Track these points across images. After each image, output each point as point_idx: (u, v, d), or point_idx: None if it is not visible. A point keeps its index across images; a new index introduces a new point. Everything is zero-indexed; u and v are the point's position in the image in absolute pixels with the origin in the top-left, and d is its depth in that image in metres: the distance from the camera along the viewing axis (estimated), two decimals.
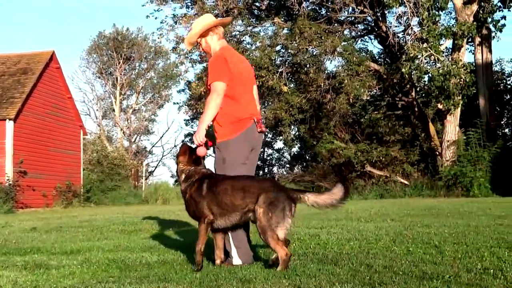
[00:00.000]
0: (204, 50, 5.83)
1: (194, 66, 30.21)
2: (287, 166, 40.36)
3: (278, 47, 26.05)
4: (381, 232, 7.21)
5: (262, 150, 34.79)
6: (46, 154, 25.41)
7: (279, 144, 38.19)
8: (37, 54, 26.64)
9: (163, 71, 48.58)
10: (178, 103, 43.22)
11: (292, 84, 27.29)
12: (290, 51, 24.94)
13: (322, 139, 26.40)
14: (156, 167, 50.68)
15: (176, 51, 28.16)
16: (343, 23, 26.01)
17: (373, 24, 26.75)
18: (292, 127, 29.16)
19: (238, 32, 26.68)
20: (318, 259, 5.25)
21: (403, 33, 24.15)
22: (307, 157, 36.72)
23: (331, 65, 42.01)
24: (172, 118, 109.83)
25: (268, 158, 39.88)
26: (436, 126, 25.50)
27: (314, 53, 24.45)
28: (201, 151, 5.27)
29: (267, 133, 34.14)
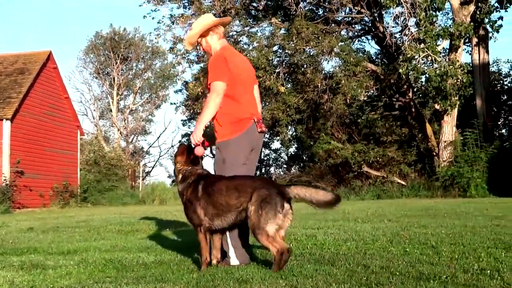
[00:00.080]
0: (204, 50, 5.80)
1: (191, 66, 30.11)
2: (284, 166, 40.32)
3: (275, 48, 26.05)
4: (378, 232, 7.20)
5: None
6: (43, 154, 25.37)
7: (276, 144, 38.16)
8: (34, 54, 26.59)
9: (160, 71, 48.52)
10: (175, 103, 43.14)
11: (289, 85, 27.26)
12: (287, 51, 24.92)
13: (319, 140, 26.42)
14: (153, 168, 50.74)
15: (173, 51, 28.07)
16: (340, 24, 26.02)
17: (370, 25, 26.77)
18: (289, 127, 29.11)
19: (235, 33, 26.66)
20: (315, 260, 5.25)
21: (400, 33, 24.23)
22: (304, 157, 36.71)
23: (328, 65, 41.85)
24: (169, 118, 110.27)
25: (265, 159, 39.81)
26: (433, 126, 25.53)
27: (311, 53, 24.44)
28: (199, 151, 5.26)
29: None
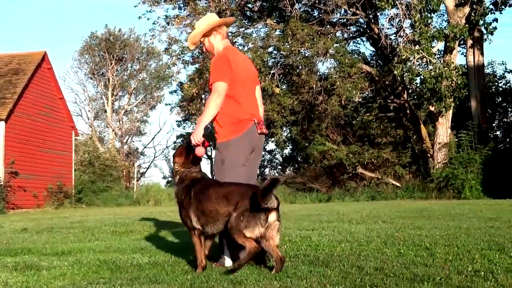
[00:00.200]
0: (207, 49, 5.77)
1: (186, 67, 30.11)
2: (279, 167, 40.40)
3: (270, 49, 26.07)
4: (372, 234, 7.20)
5: None
6: (37, 154, 25.32)
7: (271, 145, 38.20)
8: (28, 55, 26.51)
9: (155, 72, 48.46)
10: (170, 104, 43.26)
11: (284, 86, 27.29)
12: (282, 52, 24.95)
13: (314, 141, 26.43)
14: (147, 168, 50.74)
15: (168, 52, 28.07)
16: (335, 25, 26.05)
17: (365, 26, 26.82)
18: (284, 128, 29.14)
19: (230, 34, 26.63)
20: (309, 261, 5.25)
21: (395, 35, 24.25)
22: (299, 158, 36.76)
23: (323, 67, 42.01)
24: (164, 119, 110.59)
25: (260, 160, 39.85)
26: (428, 128, 25.58)
27: (306, 54, 24.48)
28: (199, 151, 5.24)
29: None
